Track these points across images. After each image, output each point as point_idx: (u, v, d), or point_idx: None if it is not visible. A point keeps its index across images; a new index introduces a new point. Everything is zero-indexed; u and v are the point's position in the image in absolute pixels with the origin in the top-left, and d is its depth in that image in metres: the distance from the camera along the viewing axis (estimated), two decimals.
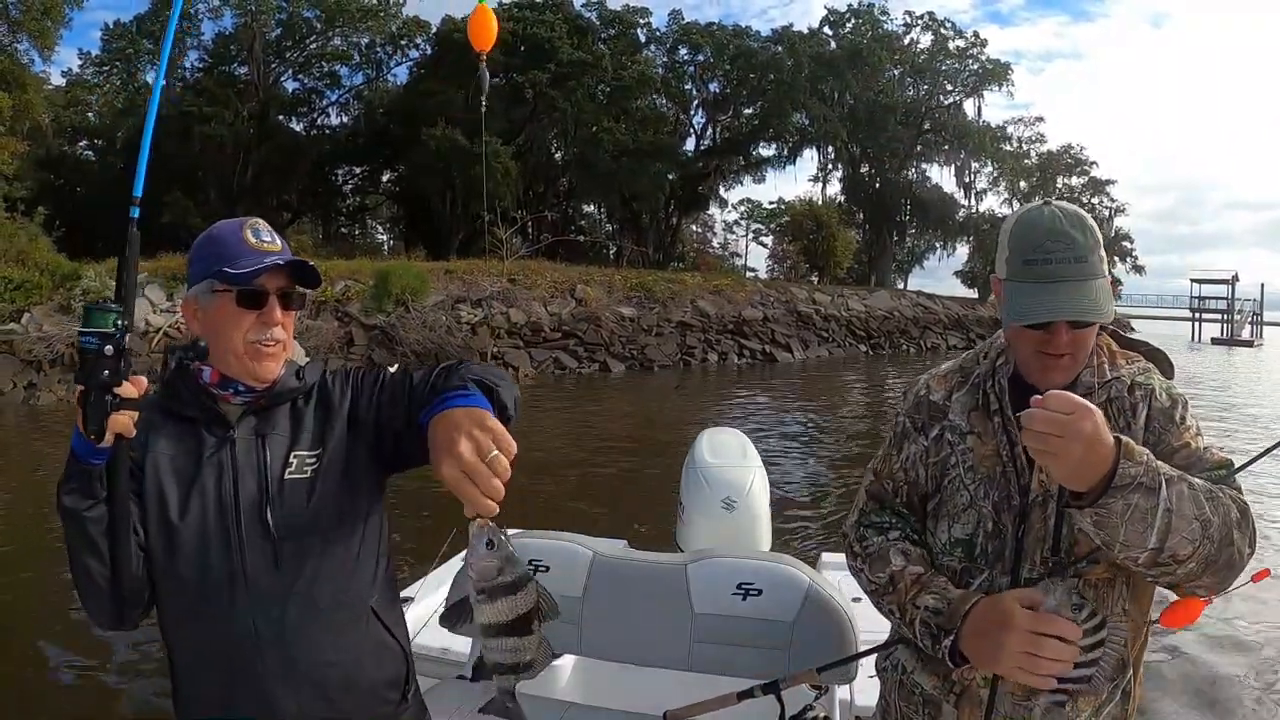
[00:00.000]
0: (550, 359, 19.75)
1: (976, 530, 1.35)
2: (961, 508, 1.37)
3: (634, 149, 33.26)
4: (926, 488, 1.44)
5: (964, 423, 1.40)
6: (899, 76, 39.32)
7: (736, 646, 1.90)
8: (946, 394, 1.45)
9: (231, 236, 1.37)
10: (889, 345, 28.99)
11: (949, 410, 1.43)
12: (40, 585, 5.77)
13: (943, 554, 1.39)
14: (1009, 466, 1.34)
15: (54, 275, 15.81)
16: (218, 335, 1.34)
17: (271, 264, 1.33)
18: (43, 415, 13.26)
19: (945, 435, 1.42)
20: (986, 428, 1.38)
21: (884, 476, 1.49)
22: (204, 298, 1.35)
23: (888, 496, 1.49)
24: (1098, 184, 42.24)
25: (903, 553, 1.39)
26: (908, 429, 1.47)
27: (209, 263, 1.35)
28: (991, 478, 1.35)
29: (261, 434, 1.36)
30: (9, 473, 9.35)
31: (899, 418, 1.50)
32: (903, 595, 1.34)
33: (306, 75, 34.51)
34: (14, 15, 21.81)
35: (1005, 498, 1.33)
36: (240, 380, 1.35)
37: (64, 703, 4.09)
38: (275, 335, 1.35)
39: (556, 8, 33.06)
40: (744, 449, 3.20)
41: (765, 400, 16.29)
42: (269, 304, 1.35)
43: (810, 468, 9.91)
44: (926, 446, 1.43)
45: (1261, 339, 48.13)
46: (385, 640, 1.44)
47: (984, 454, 1.37)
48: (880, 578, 1.39)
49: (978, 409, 1.40)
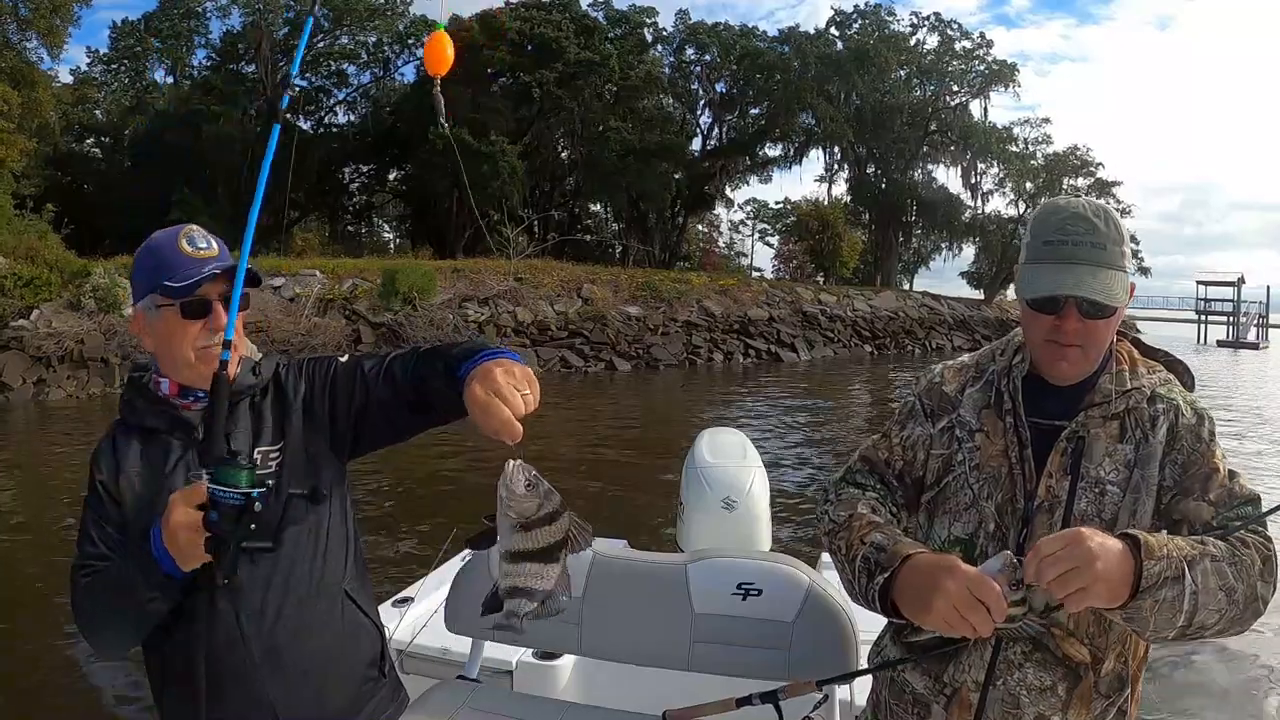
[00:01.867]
0: (557, 358, 19.79)
1: (977, 531, 1.32)
2: (963, 506, 1.34)
3: (640, 148, 33.27)
4: (921, 472, 1.41)
5: (974, 419, 1.38)
6: (905, 77, 39.22)
7: (736, 646, 1.89)
8: (960, 387, 1.42)
9: (167, 247, 1.38)
10: (894, 346, 28.95)
11: (960, 404, 1.40)
12: (46, 579, 5.82)
13: (940, 550, 1.35)
14: (1016, 469, 1.31)
15: (63, 272, 15.89)
16: (168, 347, 1.37)
17: (210, 273, 1.35)
18: (52, 411, 13.34)
19: (954, 429, 1.39)
20: (996, 426, 1.35)
21: (882, 447, 1.47)
22: (150, 313, 1.38)
23: (881, 465, 1.46)
24: (1104, 185, 41.98)
25: (871, 506, 1.38)
26: (916, 410, 1.45)
27: (150, 276, 1.37)
28: (997, 478, 1.32)
29: (225, 433, 1.36)
30: (19, 468, 9.41)
31: (909, 397, 1.49)
32: (854, 533, 1.32)
33: (314, 74, 34.60)
34: (23, 14, 21.91)
35: (1009, 500, 1.31)
36: (198, 387, 1.37)
37: (66, 700, 4.12)
38: (223, 340, 1.35)
39: (563, 7, 33.07)
40: (744, 449, 3.20)
41: (769, 400, 16.27)
42: (213, 310, 1.36)
43: (812, 468, 9.91)
44: (932, 435, 1.41)
45: (1267, 341, 47.81)
46: (361, 621, 1.48)
47: (991, 453, 1.34)
48: (840, 516, 1.38)
49: (989, 406, 1.38)
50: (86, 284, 15.80)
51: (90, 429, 12.14)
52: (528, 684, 2.39)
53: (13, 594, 5.48)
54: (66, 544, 5.96)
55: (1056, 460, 1.30)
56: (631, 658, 2.02)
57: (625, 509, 7.44)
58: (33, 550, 6.37)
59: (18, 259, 15.70)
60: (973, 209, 41.43)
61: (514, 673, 2.40)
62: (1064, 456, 1.29)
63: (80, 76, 32.76)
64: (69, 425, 12.28)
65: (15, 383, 13.95)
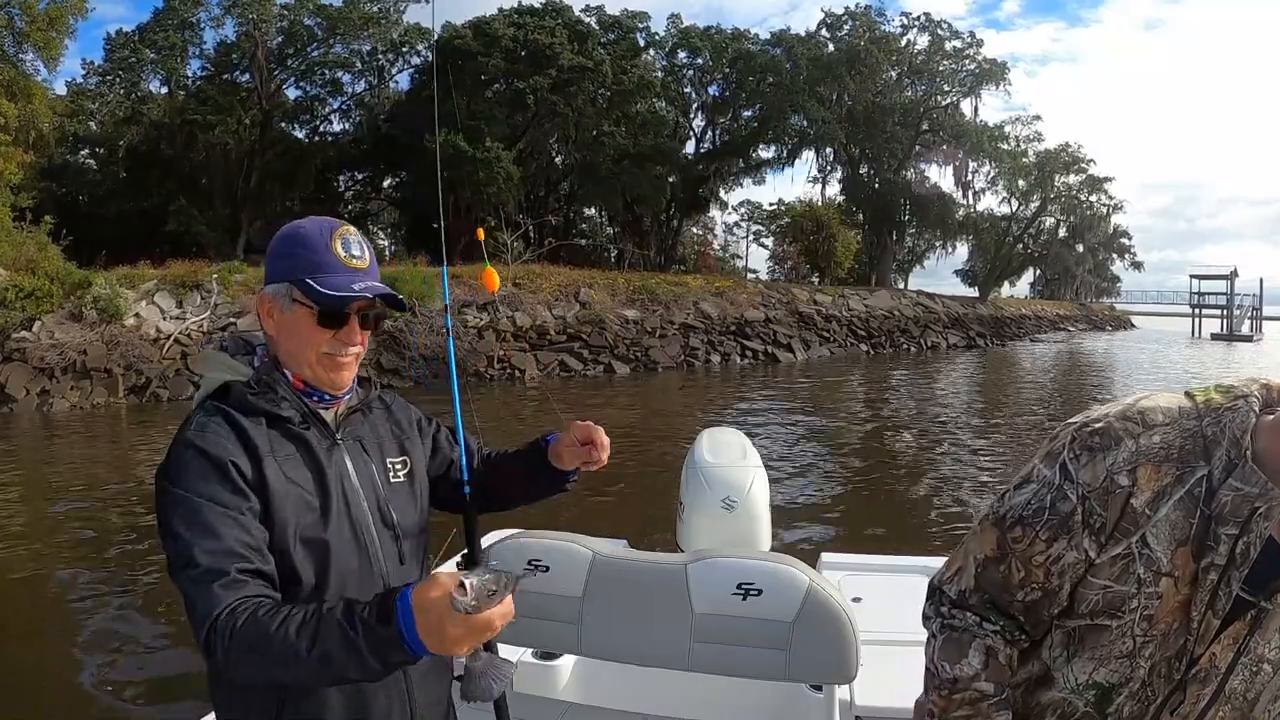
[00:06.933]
0: (556, 361, 19.82)
1: (1124, 685, 1.10)
2: (1116, 655, 1.09)
3: (635, 152, 33.33)
4: (1066, 601, 1.11)
5: (1165, 558, 1.03)
6: (896, 78, 39.29)
7: (736, 646, 1.89)
8: (1153, 498, 1.02)
9: (320, 243, 1.29)
10: (890, 344, 28.99)
11: (1147, 525, 1.03)
12: (49, 586, 5.84)
13: (1071, 692, 1.13)
14: (1193, 631, 1.05)
15: (64, 284, 15.90)
16: (293, 344, 1.30)
17: (360, 296, 1.27)
18: (56, 421, 13.33)
19: (1134, 564, 1.04)
20: (1187, 573, 1.03)
21: (1015, 554, 1.11)
22: (283, 303, 1.29)
23: (1009, 592, 1.14)
24: (1095, 181, 42.16)
25: (986, 650, 1.13)
26: (1077, 522, 1.06)
27: (292, 265, 1.28)
28: (1165, 635, 1.06)
29: (357, 438, 1.35)
30: (24, 480, 9.43)
31: (1071, 491, 1.06)
32: (950, 705, 1.13)
33: (308, 82, 34.61)
34: (19, 26, 21.89)
35: (1166, 660, 1.07)
36: (319, 388, 1.31)
37: (66, 703, 4.14)
38: (352, 351, 1.31)
39: (557, 13, 33.13)
40: (744, 449, 3.18)
41: (767, 400, 16.30)
42: (350, 324, 1.30)
43: (811, 467, 9.94)
44: (1096, 563, 1.06)
45: (1261, 333, 48.00)
46: None
47: (1171, 606, 1.05)
48: (944, 670, 1.15)
49: (1189, 545, 1.02)
50: (88, 295, 15.82)
51: (95, 439, 12.15)
52: (528, 684, 2.39)
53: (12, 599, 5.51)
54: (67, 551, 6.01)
55: (1236, 631, 1.05)
56: (631, 658, 2.03)
57: (625, 509, 7.47)
58: (35, 559, 6.39)
59: (18, 271, 15.71)
60: (966, 207, 41.61)
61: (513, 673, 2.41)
62: (1244, 625, 1.05)
63: (75, 88, 32.73)
64: (73, 435, 12.29)
65: (19, 394, 13.97)
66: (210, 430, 1.19)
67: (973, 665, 1.12)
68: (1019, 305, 45.15)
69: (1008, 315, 39.77)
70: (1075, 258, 48.02)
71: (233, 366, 1.29)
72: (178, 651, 4.65)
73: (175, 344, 16.15)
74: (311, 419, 1.29)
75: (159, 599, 5.51)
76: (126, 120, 32.04)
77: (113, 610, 5.41)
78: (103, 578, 6.03)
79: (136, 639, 4.95)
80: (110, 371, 15.00)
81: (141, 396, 15.11)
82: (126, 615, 5.35)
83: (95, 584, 5.90)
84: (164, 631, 5.01)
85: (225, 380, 1.27)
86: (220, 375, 1.28)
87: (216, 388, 1.27)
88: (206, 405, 1.25)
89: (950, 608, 1.18)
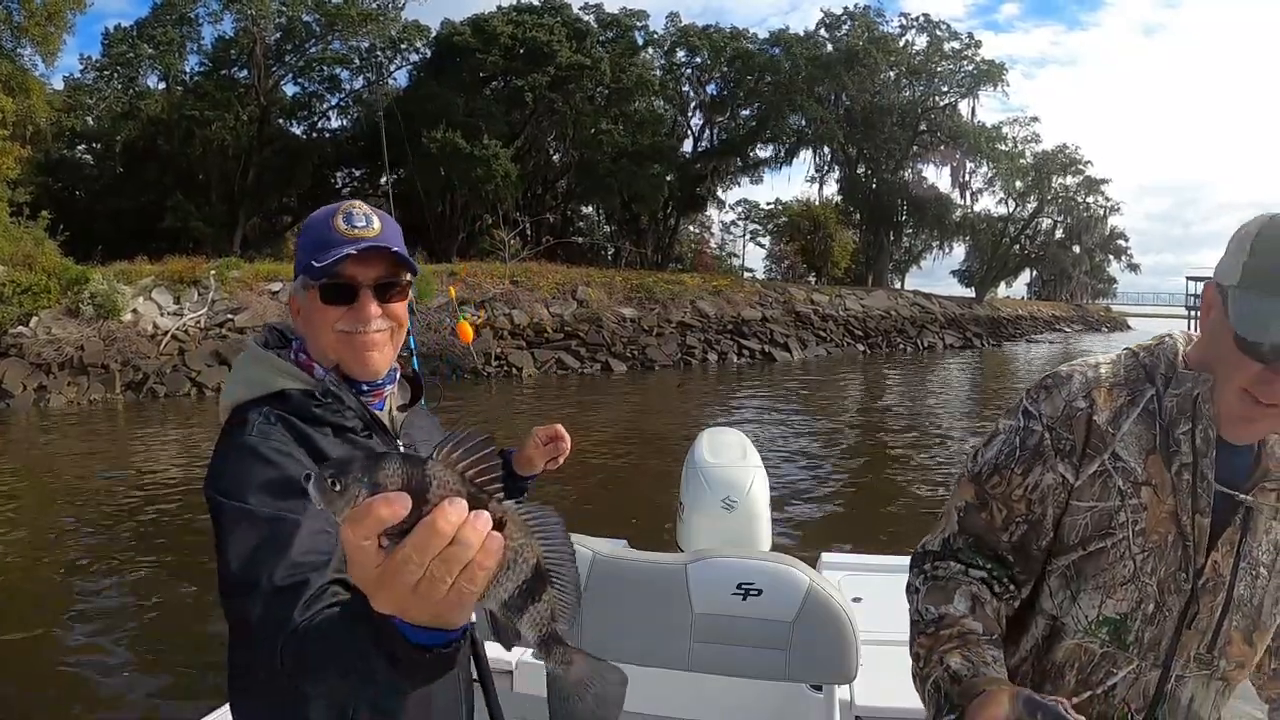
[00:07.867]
0: (553, 359, 19.82)
1: (1135, 611, 1.10)
2: (1120, 580, 1.09)
3: (632, 151, 33.31)
4: (1052, 532, 1.13)
5: (1139, 467, 1.09)
6: (895, 78, 39.31)
7: (736, 646, 1.89)
8: (1113, 416, 1.10)
9: (323, 223, 1.21)
10: (886, 344, 29.03)
11: (1115, 442, 1.10)
12: (44, 581, 5.83)
13: (1084, 634, 1.12)
14: (1189, 538, 1.08)
15: (61, 279, 15.87)
16: (310, 330, 1.22)
17: (345, 252, 1.15)
18: (53, 417, 13.32)
19: (1113, 479, 1.10)
20: (1164, 480, 1.08)
21: (995, 498, 1.15)
22: (299, 294, 1.23)
23: (993, 534, 1.15)
24: (1092, 183, 42.19)
25: (971, 597, 1.12)
26: (1047, 447, 1.11)
27: (302, 254, 1.21)
28: (1161, 548, 1.08)
29: (413, 443, 1.26)
30: (21, 474, 9.42)
31: (1035, 424, 1.13)
32: (937, 642, 1.09)
33: (306, 79, 34.51)
34: (18, 21, 21.81)
35: (1172, 575, 1.08)
36: (353, 376, 1.21)
37: (64, 697, 4.15)
38: (372, 326, 1.19)
39: (555, 11, 33.09)
40: (744, 449, 3.19)
41: (764, 399, 16.32)
42: (361, 298, 1.18)
43: (810, 467, 9.95)
44: (1074, 485, 1.11)
45: None
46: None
47: (1159, 516, 1.08)
48: (929, 611, 1.13)
49: (1156, 452, 1.09)
50: (85, 290, 15.79)
51: (93, 434, 12.13)
52: (528, 684, 2.39)
53: (12, 598, 5.51)
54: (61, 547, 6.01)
55: (1230, 537, 1.09)
56: (631, 658, 2.03)
57: (625, 509, 7.48)
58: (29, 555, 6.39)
59: (15, 266, 15.67)
60: (963, 207, 41.66)
61: (514, 673, 2.40)
62: (1235, 530, 1.09)
63: (73, 83, 32.60)
64: (70, 431, 12.27)
65: (16, 389, 13.96)
66: (275, 438, 1.10)
67: (959, 608, 1.11)
68: (1015, 306, 45.31)
69: (1004, 316, 39.86)
70: (1072, 259, 48.09)
71: (289, 372, 1.18)
72: (176, 644, 4.68)
73: (172, 340, 16.14)
74: (374, 426, 1.21)
75: (154, 593, 5.52)
76: (124, 116, 31.92)
77: (110, 604, 5.42)
78: (99, 571, 6.03)
79: (133, 632, 4.97)
80: (107, 367, 14.99)
81: (138, 392, 15.10)
82: (124, 609, 5.36)
83: (91, 578, 5.90)
84: (161, 626, 5.03)
85: (279, 386, 1.16)
86: (269, 377, 1.18)
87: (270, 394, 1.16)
88: (264, 411, 1.14)
89: (934, 562, 1.18)
